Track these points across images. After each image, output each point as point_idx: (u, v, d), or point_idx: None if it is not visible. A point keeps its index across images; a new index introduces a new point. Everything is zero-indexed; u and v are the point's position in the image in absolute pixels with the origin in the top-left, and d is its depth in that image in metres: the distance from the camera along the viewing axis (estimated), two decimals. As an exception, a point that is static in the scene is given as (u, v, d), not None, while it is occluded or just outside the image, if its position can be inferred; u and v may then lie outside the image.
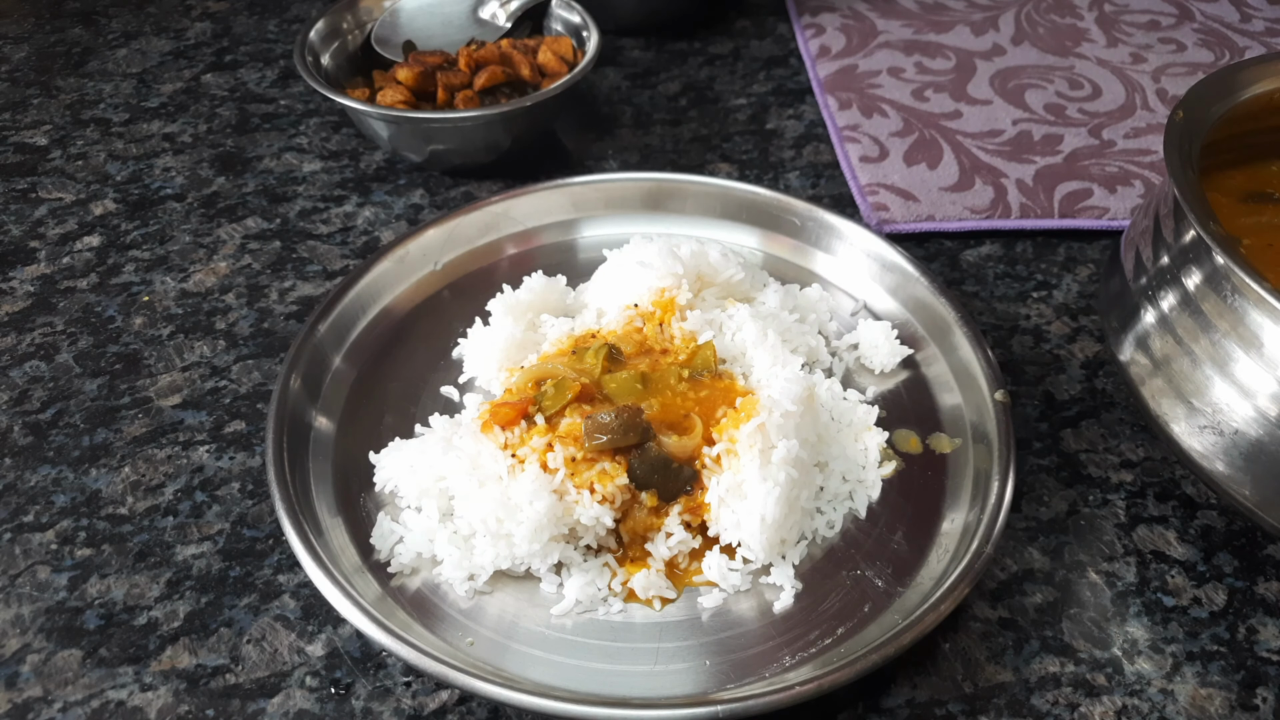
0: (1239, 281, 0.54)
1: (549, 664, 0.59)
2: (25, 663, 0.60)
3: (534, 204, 0.89)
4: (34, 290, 0.86)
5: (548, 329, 0.77)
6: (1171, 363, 0.59)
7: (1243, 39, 1.21)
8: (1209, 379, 0.57)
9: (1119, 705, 0.59)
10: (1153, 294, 0.61)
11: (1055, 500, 0.70)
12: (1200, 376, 0.57)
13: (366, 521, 0.66)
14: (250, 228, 0.93)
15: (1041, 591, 0.64)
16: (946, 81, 1.14)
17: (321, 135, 1.05)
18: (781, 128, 1.08)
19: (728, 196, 0.89)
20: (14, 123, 1.07)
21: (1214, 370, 0.56)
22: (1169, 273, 0.60)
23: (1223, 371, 0.56)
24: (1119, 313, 0.65)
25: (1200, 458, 0.58)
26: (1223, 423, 0.56)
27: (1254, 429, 0.55)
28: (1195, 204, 0.56)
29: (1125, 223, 0.93)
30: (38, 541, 0.67)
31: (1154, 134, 1.04)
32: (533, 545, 0.61)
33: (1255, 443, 0.55)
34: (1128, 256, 0.66)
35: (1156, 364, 0.60)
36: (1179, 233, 0.60)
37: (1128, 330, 0.63)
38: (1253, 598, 0.64)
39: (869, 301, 0.83)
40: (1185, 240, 0.60)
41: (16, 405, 0.76)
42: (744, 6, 1.29)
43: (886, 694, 0.59)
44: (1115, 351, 0.64)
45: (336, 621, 0.62)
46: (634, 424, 0.63)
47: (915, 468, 0.71)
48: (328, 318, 0.76)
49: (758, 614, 0.62)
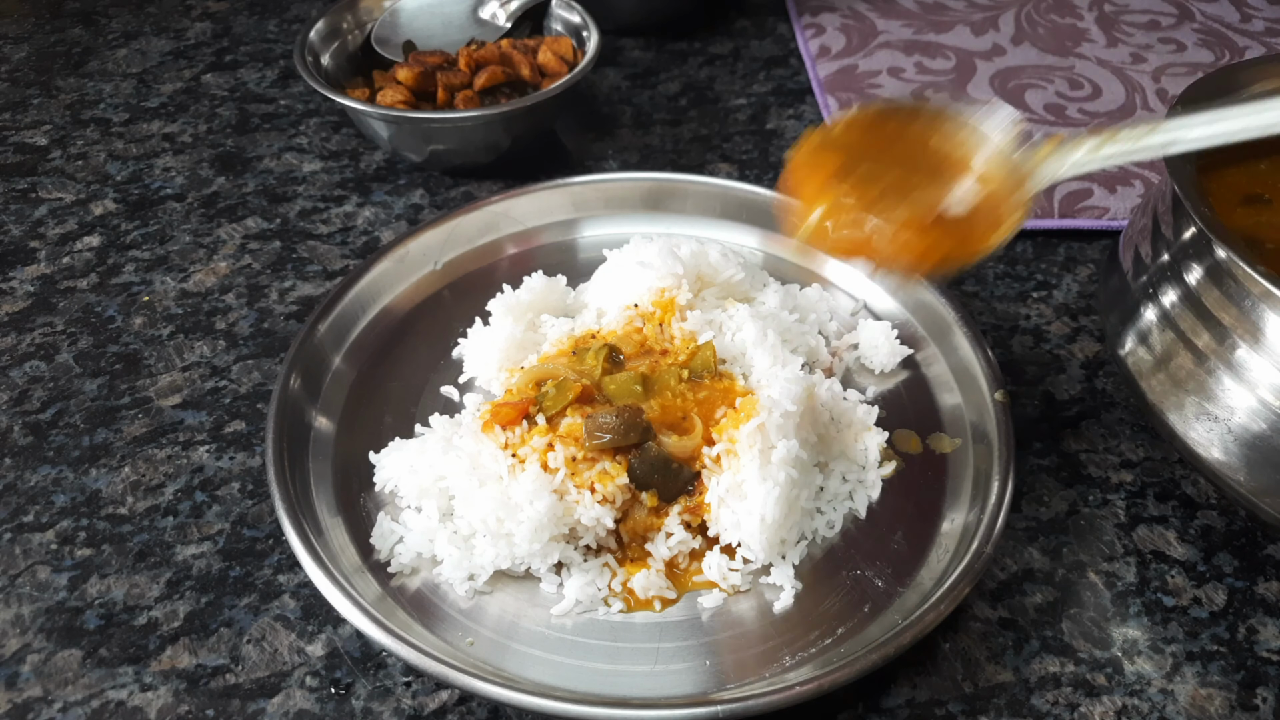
0: (1240, 273, 0.54)
1: (549, 664, 0.59)
2: (25, 663, 0.60)
3: (534, 204, 0.89)
4: (34, 290, 0.86)
5: (548, 329, 0.77)
6: (1172, 357, 0.59)
7: (1243, 39, 1.20)
8: (1211, 372, 0.57)
9: (1119, 705, 0.59)
10: (1153, 291, 0.61)
11: (1055, 500, 0.70)
12: (1202, 370, 0.57)
13: (366, 521, 0.66)
14: (250, 228, 0.93)
15: (1041, 591, 0.64)
16: (946, 81, 1.14)
17: (321, 135, 1.05)
18: (781, 128, 1.08)
19: (728, 196, 0.89)
20: (14, 123, 1.07)
21: (1217, 363, 0.56)
22: (1169, 269, 0.60)
23: (1225, 363, 0.56)
24: (1119, 311, 0.65)
25: (1200, 448, 0.58)
26: (1224, 414, 0.56)
27: (1257, 421, 0.55)
28: (1194, 198, 0.56)
29: (1125, 222, 0.93)
30: (38, 541, 0.67)
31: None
32: (533, 545, 0.61)
33: (1258, 435, 0.55)
34: (1126, 255, 0.66)
35: (1157, 359, 0.60)
36: (1178, 229, 0.60)
37: (1127, 327, 0.63)
38: (1253, 598, 0.64)
39: (869, 301, 0.83)
40: (1185, 236, 0.60)
41: (16, 405, 0.76)
42: (744, 6, 1.29)
43: (886, 694, 0.59)
44: (1115, 349, 0.64)
45: (336, 621, 0.62)
46: (634, 424, 0.63)
47: (915, 468, 0.71)
48: (328, 318, 0.76)
49: (758, 614, 0.62)
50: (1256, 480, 0.56)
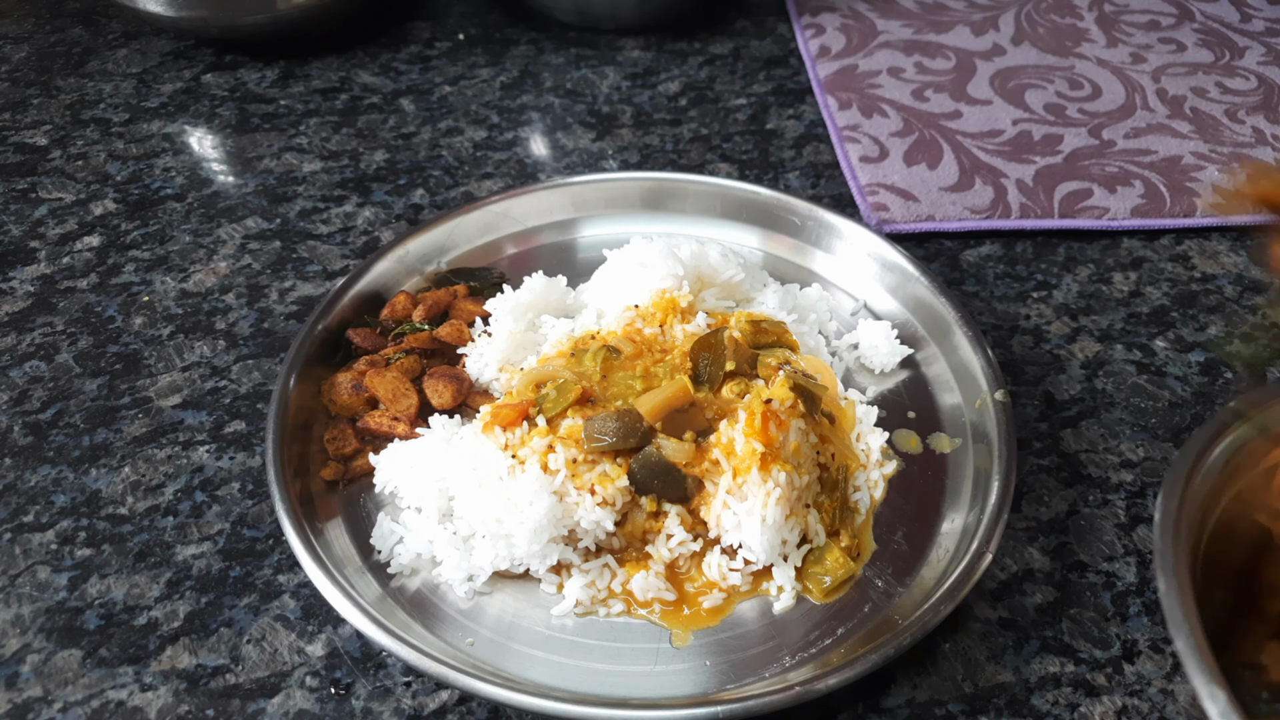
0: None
1: (549, 664, 0.59)
2: (25, 663, 0.60)
3: (534, 203, 0.89)
4: (34, 290, 0.86)
5: (548, 330, 0.77)
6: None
7: (1243, 39, 1.20)
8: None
9: (1119, 705, 0.59)
10: None
11: (1055, 500, 0.70)
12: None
13: (366, 522, 0.66)
14: (250, 228, 0.93)
15: (1041, 591, 0.64)
16: (946, 81, 1.14)
17: (321, 135, 1.05)
18: (781, 128, 1.08)
19: (728, 196, 0.89)
20: (14, 123, 1.07)
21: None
22: None
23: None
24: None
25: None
26: None
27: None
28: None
29: (1125, 222, 0.93)
30: (38, 541, 0.67)
31: (1154, 134, 1.04)
32: (532, 546, 0.61)
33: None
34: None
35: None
36: None
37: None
38: (1253, 598, 0.64)
39: (869, 301, 0.83)
40: None
41: (16, 405, 0.76)
42: (744, 6, 1.29)
43: (886, 694, 0.59)
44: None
45: (336, 621, 0.62)
46: (633, 428, 0.63)
47: (915, 468, 0.71)
48: (328, 318, 0.76)
49: (758, 614, 0.62)
50: None
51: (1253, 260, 0.91)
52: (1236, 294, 0.87)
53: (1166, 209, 0.95)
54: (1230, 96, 1.10)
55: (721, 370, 0.68)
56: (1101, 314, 0.85)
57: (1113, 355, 0.81)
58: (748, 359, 0.70)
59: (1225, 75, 1.14)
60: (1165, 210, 0.95)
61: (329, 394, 0.72)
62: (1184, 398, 0.78)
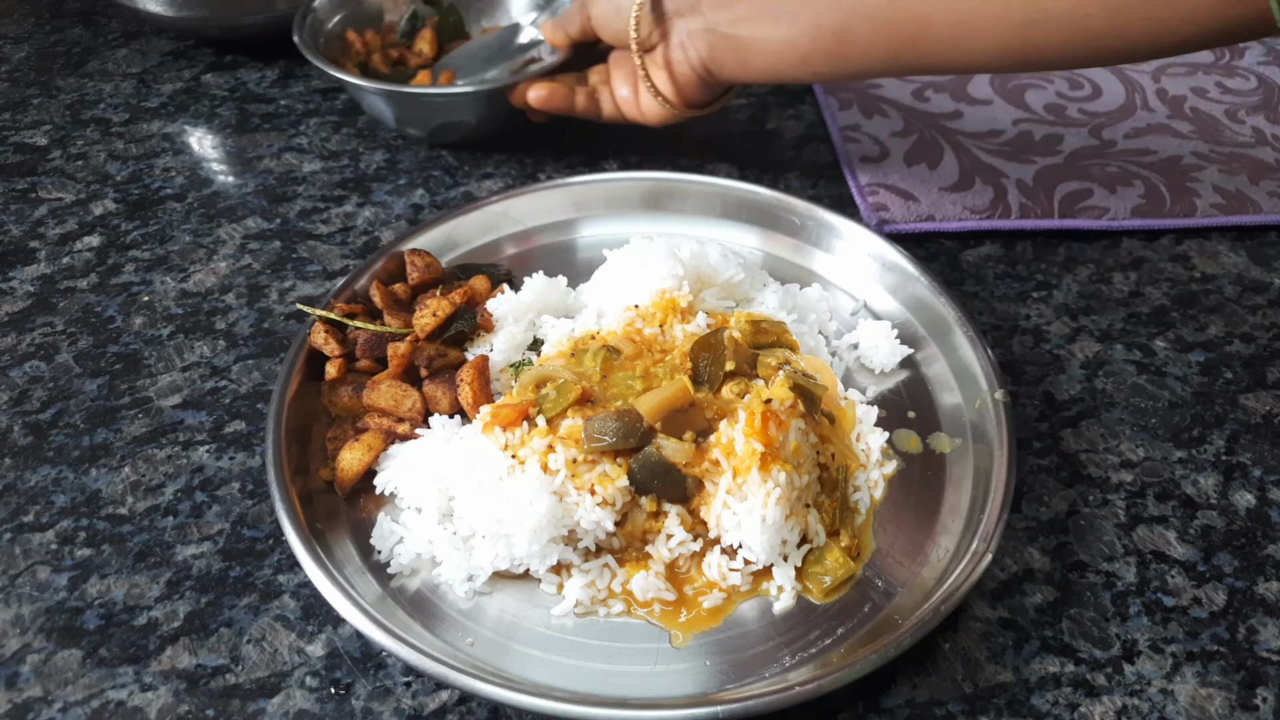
0: None
1: (549, 664, 0.59)
2: (25, 663, 0.60)
3: (534, 204, 0.89)
4: (34, 290, 0.86)
5: (548, 330, 0.77)
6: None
7: (1243, 39, 1.20)
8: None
9: (1119, 705, 0.59)
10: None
11: (1055, 500, 0.70)
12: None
13: (366, 522, 0.66)
14: (250, 228, 0.93)
15: (1041, 591, 0.64)
16: (946, 81, 1.14)
17: (321, 135, 1.05)
18: (781, 128, 1.08)
19: (728, 196, 0.89)
20: (14, 123, 1.07)
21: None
22: None
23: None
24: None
25: None
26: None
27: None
28: None
29: (1125, 223, 0.93)
30: (38, 541, 0.67)
31: (1154, 134, 1.04)
32: (532, 546, 0.61)
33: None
34: None
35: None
36: None
37: None
38: (1253, 598, 0.64)
39: (869, 301, 0.83)
40: None
41: (16, 405, 0.76)
42: (744, 6, 1.29)
43: (886, 694, 0.59)
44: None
45: (336, 622, 0.62)
46: (633, 428, 0.63)
47: (915, 468, 0.71)
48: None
49: (758, 614, 0.62)
50: None
51: (1253, 260, 0.91)
52: (1236, 294, 0.88)
53: (1166, 209, 0.95)
54: (1230, 96, 1.10)
55: (721, 370, 0.68)
56: (1101, 314, 0.85)
57: (1113, 355, 0.81)
58: (748, 359, 0.70)
59: (1225, 75, 1.14)
60: (1165, 210, 0.95)
61: (329, 396, 0.72)
62: (1184, 398, 0.78)
